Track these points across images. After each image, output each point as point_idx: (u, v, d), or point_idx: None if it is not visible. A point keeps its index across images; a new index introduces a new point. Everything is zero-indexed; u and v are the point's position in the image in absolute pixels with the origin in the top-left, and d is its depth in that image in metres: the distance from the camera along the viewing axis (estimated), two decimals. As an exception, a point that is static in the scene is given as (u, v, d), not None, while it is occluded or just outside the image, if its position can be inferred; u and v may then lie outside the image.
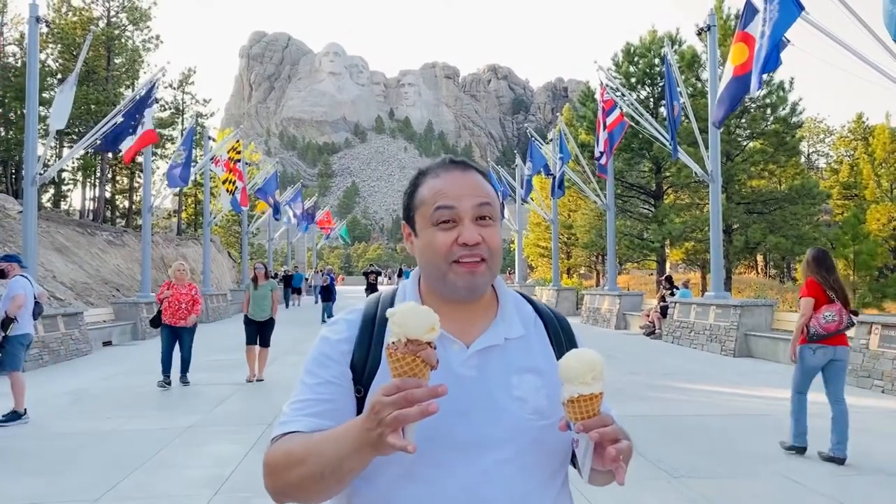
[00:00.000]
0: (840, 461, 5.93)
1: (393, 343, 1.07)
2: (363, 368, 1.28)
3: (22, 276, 8.17)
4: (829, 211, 40.62)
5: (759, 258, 42.86)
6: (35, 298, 8.27)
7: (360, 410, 1.26)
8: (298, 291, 36.93)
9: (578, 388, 1.13)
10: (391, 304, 1.36)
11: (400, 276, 51.32)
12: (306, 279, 43.83)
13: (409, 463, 1.21)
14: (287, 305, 32.79)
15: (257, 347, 10.88)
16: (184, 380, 10.36)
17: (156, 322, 10.27)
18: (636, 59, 29.49)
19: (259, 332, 10.92)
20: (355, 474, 1.14)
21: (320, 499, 1.22)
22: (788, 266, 44.61)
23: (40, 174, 14.46)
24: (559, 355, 1.29)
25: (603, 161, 19.34)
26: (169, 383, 10.09)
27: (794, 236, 26.13)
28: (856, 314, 6.23)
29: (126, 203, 42.21)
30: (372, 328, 1.33)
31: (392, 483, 1.23)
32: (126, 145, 15.80)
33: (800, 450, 6.24)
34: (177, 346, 10.34)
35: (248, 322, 10.99)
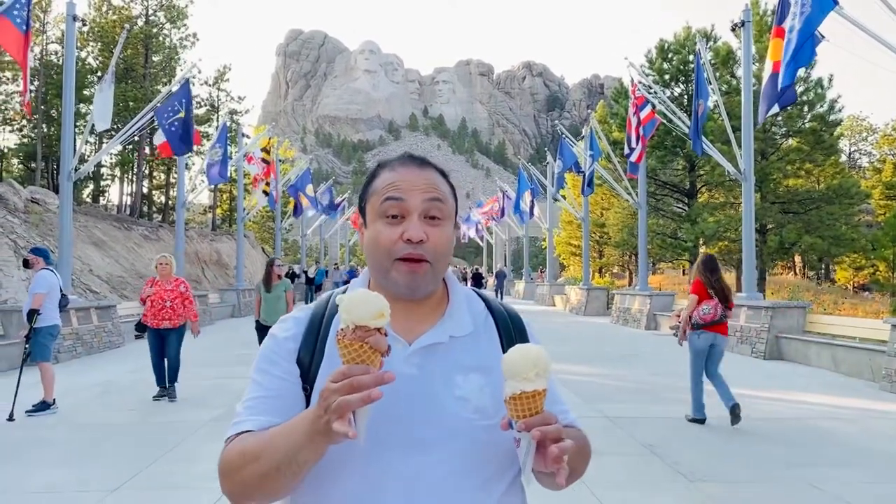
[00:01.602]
0: (735, 408, 7.23)
1: (342, 329, 1.06)
2: (309, 365, 1.28)
3: (46, 269, 8.35)
4: (870, 211, 39.56)
5: (797, 259, 41.98)
6: (61, 291, 8.46)
7: (308, 406, 1.25)
8: (320, 288, 34.67)
9: (520, 384, 1.10)
10: None
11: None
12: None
13: (344, 461, 1.20)
14: (308, 303, 31.93)
15: None
16: (170, 392, 8.93)
17: (140, 326, 9.01)
18: (670, 55, 29.10)
19: None
20: (311, 466, 1.14)
21: (279, 496, 1.22)
22: (826, 267, 43.63)
23: (76, 169, 14.79)
24: None
25: (633, 158, 19.10)
26: (166, 393, 8.93)
27: (831, 237, 25.50)
28: (730, 309, 7.68)
29: (162, 198, 42.96)
30: (319, 326, 1.32)
31: (328, 480, 1.22)
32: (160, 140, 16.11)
33: (700, 421, 7.52)
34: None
35: (261, 328, 9.82)
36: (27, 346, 8.04)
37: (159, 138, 16.09)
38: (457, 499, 1.21)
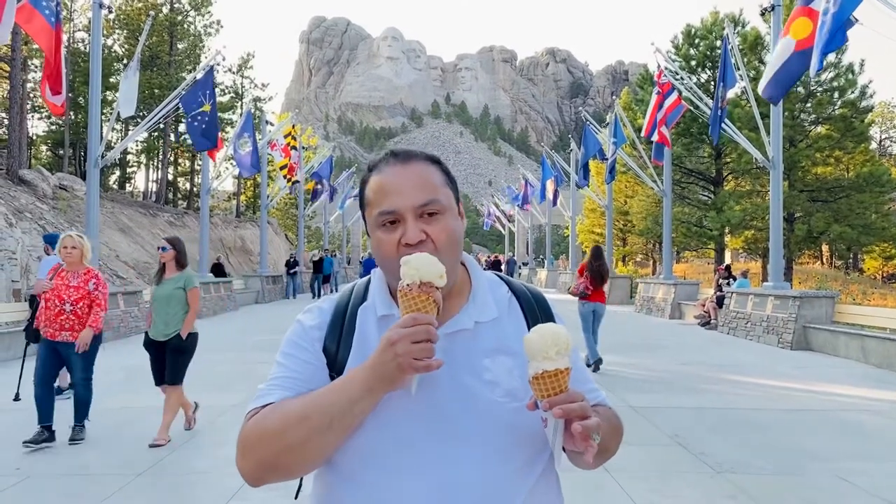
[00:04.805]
0: (590, 365, 9.94)
1: (407, 285, 1.14)
2: (335, 355, 1.28)
3: (54, 255, 8.43)
4: (901, 200, 38.80)
5: (825, 248, 41.36)
6: None
7: None
8: (328, 279, 30.62)
9: (542, 363, 1.10)
10: (364, 295, 1.36)
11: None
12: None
13: (376, 449, 1.20)
14: (316, 296, 28.41)
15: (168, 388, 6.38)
16: (76, 434, 6.15)
17: (32, 333, 6.41)
18: (697, 41, 28.66)
19: (158, 360, 6.34)
20: (363, 417, 1.16)
21: (313, 461, 1.20)
22: (855, 257, 42.92)
23: (102, 156, 14.94)
24: None
25: (668, 143, 18.88)
26: (48, 436, 5.98)
27: (861, 226, 25.03)
28: (603, 284, 10.40)
29: (187, 185, 43.33)
30: (343, 318, 1.33)
31: (358, 468, 1.21)
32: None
33: (597, 362, 10.10)
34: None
35: (147, 344, 6.40)
36: (26, 330, 8.13)
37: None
38: (491, 485, 1.20)
